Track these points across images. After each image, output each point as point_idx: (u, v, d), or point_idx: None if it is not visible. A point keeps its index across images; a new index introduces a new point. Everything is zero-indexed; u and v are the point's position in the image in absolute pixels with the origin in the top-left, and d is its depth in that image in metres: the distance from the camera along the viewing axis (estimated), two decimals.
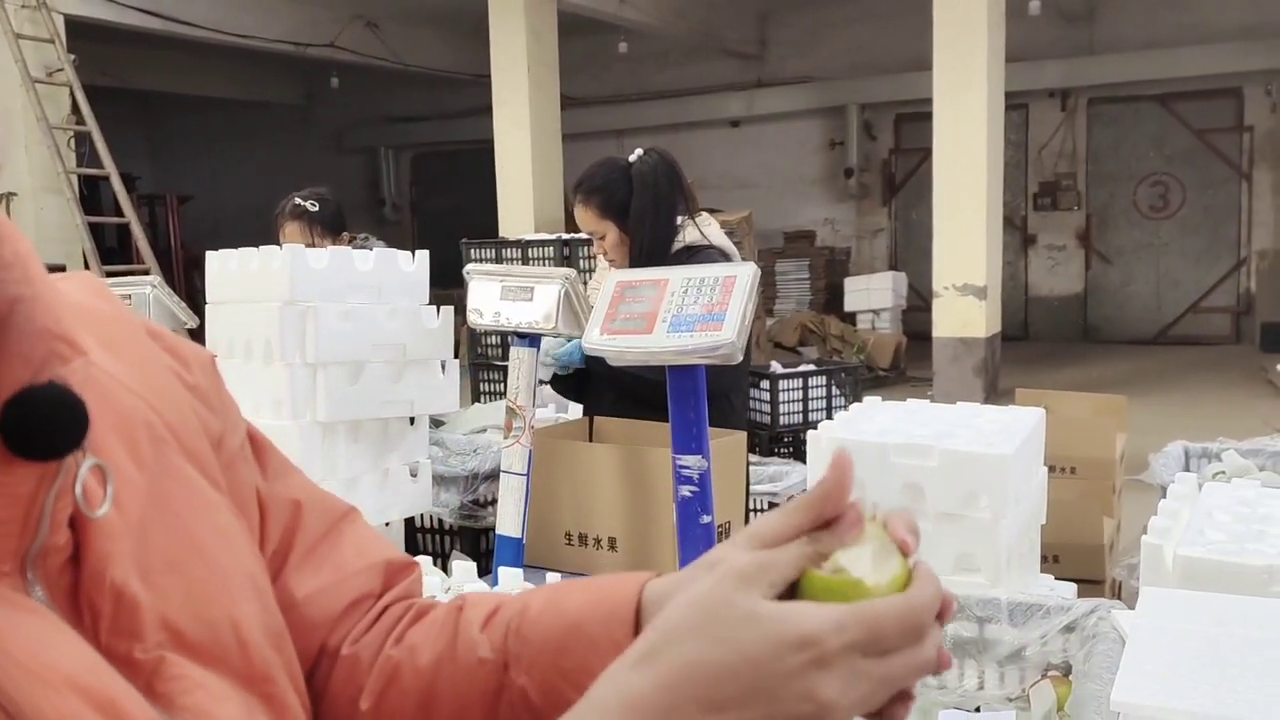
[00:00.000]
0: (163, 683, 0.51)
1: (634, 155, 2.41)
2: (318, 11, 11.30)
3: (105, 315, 0.59)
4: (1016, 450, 1.55)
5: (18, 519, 0.48)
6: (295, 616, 0.64)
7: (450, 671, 0.63)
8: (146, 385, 0.58)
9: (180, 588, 0.54)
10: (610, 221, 2.36)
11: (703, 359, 1.52)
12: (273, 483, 0.67)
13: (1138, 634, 1.15)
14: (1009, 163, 11.84)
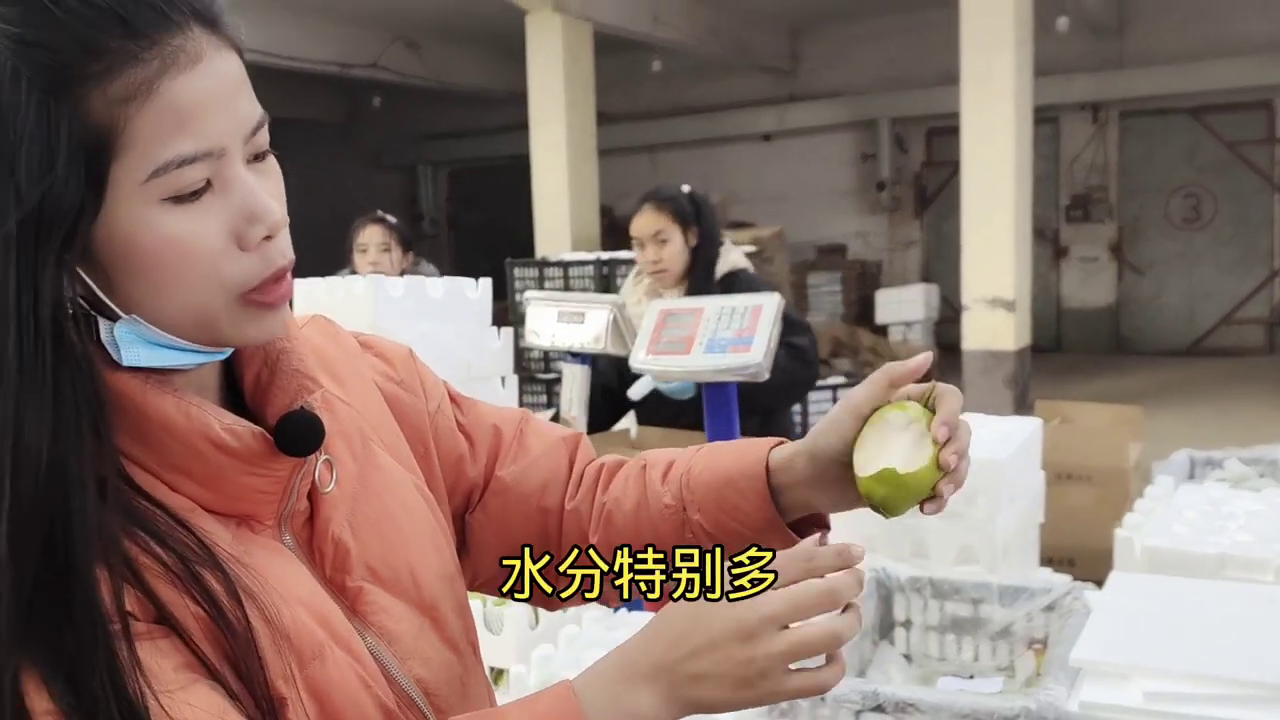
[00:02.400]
0: (362, 605, 0.77)
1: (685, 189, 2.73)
2: (361, 33, 11.65)
3: (330, 351, 0.86)
4: (1011, 456, 1.77)
5: (278, 492, 0.74)
6: (512, 496, 0.93)
7: (647, 513, 0.90)
8: (359, 400, 0.85)
9: (376, 540, 0.80)
10: (678, 228, 2.66)
11: (734, 377, 1.75)
12: (470, 415, 0.95)
13: (1100, 608, 1.37)
14: (1040, 175, 11.97)
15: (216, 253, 0.68)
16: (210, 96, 0.67)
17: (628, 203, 12.68)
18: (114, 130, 0.63)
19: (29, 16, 0.62)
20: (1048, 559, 3.42)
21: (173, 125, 0.65)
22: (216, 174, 0.68)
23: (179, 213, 0.66)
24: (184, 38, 0.66)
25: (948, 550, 1.81)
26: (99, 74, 0.63)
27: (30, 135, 0.61)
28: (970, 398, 7.63)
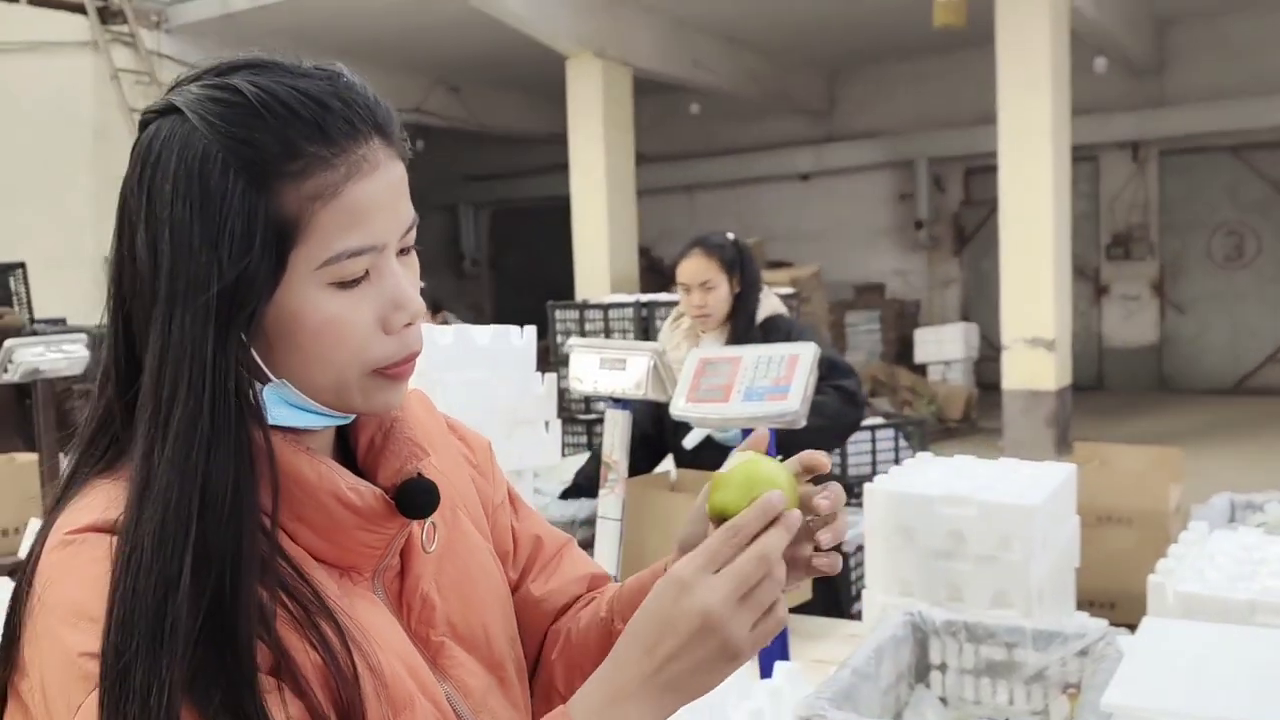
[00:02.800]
0: (442, 659, 0.84)
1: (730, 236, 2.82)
2: (405, 79, 11.90)
3: (428, 424, 0.94)
4: (1044, 501, 1.80)
5: (383, 548, 0.81)
6: (535, 610, 0.98)
7: (588, 628, 0.95)
8: (451, 471, 0.92)
9: (457, 599, 0.87)
10: (725, 276, 2.73)
11: (771, 424, 1.80)
12: (522, 522, 1.01)
13: (1133, 653, 1.40)
14: (1081, 214, 11.93)
15: (365, 334, 0.75)
16: (381, 200, 0.75)
17: (666, 243, 12.92)
18: (300, 221, 0.72)
19: (243, 117, 0.71)
20: (1089, 602, 3.42)
21: (348, 222, 0.73)
22: (374, 265, 0.76)
23: (340, 296, 0.74)
24: (366, 148, 0.75)
25: (982, 595, 1.84)
26: (295, 173, 0.72)
27: (234, 218, 0.70)
28: (1010, 437, 7.64)
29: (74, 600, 0.68)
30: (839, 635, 2.25)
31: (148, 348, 0.71)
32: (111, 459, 0.76)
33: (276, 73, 0.75)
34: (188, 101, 0.73)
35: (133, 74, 9.56)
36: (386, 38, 10.24)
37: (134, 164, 0.74)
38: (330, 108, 0.73)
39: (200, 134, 0.71)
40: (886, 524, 1.95)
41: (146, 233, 0.71)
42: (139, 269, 0.72)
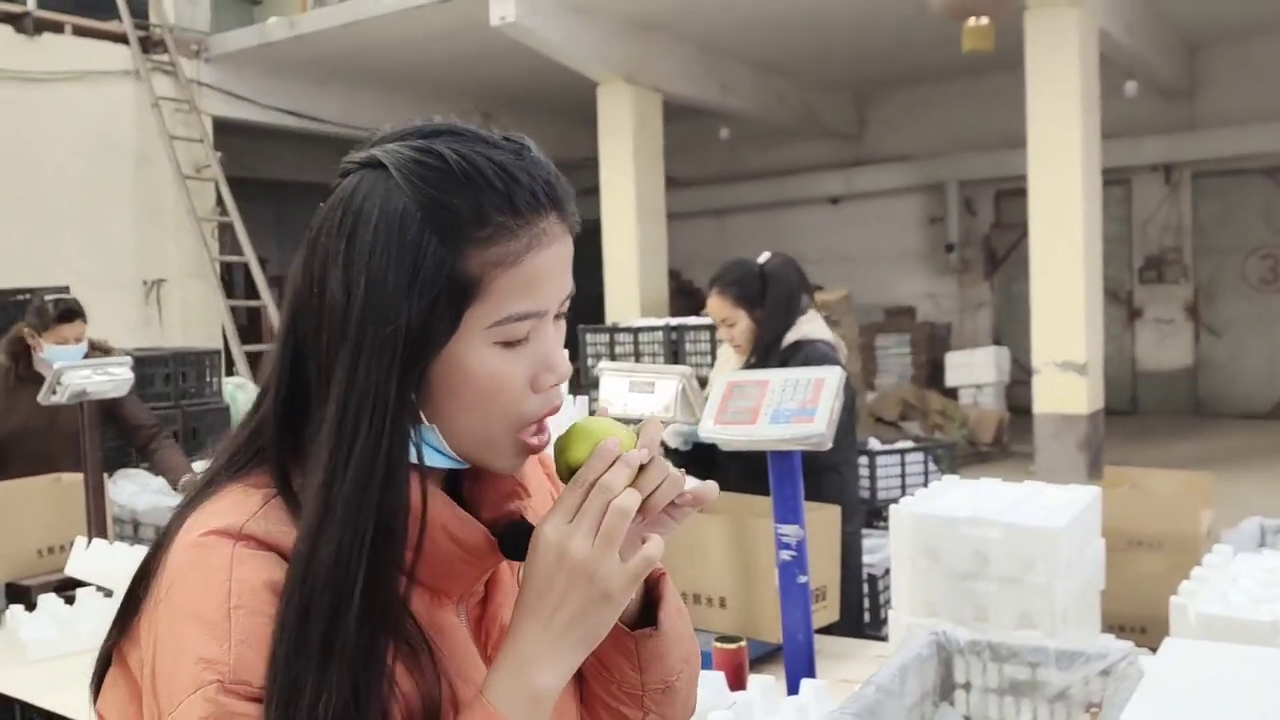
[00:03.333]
0: None
1: (763, 257, 2.82)
2: (438, 105, 11.84)
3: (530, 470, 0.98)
4: (1069, 524, 1.82)
5: (474, 579, 0.86)
6: None
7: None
8: (539, 504, 0.96)
9: None
10: (742, 311, 2.76)
11: (798, 446, 1.84)
12: None
13: (1153, 673, 1.42)
14: (1113, 237, 11.88)
15: (518, 391, 0.82)
16: (552, 271, 0.82)
17: (696, 266, 12.97)
18: (480, 283, 0.78)
19: (443, 182, 0.78)
20: (1119, 626, 3.41)
21: (521, 289, 0.80)
22: (535, 328, 0.82)
23: (502, 354, 0.80)
24: (546, 222, 0.81)
25: (1008, 616, 1.86)
26: (482, 239, 0.78)
27: (425, 273, 0.76)
28: (1042, 461, 7.61)
29: (199, 604, 0.74)
30: (865, 656, 2.27)
31: (333, 381, 0.77)
32: (250, 466, 0.82)
33: (474, 142, 0.81)
34: (394, 160, 0.79)
35: (173, 102, 9.77)
36: (420, 65, 10.41)
37: (334, 208, 0.81)
38: (519, 181, 0.80)
39: (402, 191, 0.78)
40: (912, 545, 1.98)
41: (343, 275, 0.77)
42: (327, 304, 0.78)
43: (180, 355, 5.43)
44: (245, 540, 0.77)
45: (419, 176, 0.78)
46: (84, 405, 3.07)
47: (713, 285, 2.82)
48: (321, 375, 0.79)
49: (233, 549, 0.76)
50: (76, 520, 3.19)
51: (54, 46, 9.25)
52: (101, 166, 9.54)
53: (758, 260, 2.86)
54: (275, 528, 0.78)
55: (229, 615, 0.73)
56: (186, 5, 10.24)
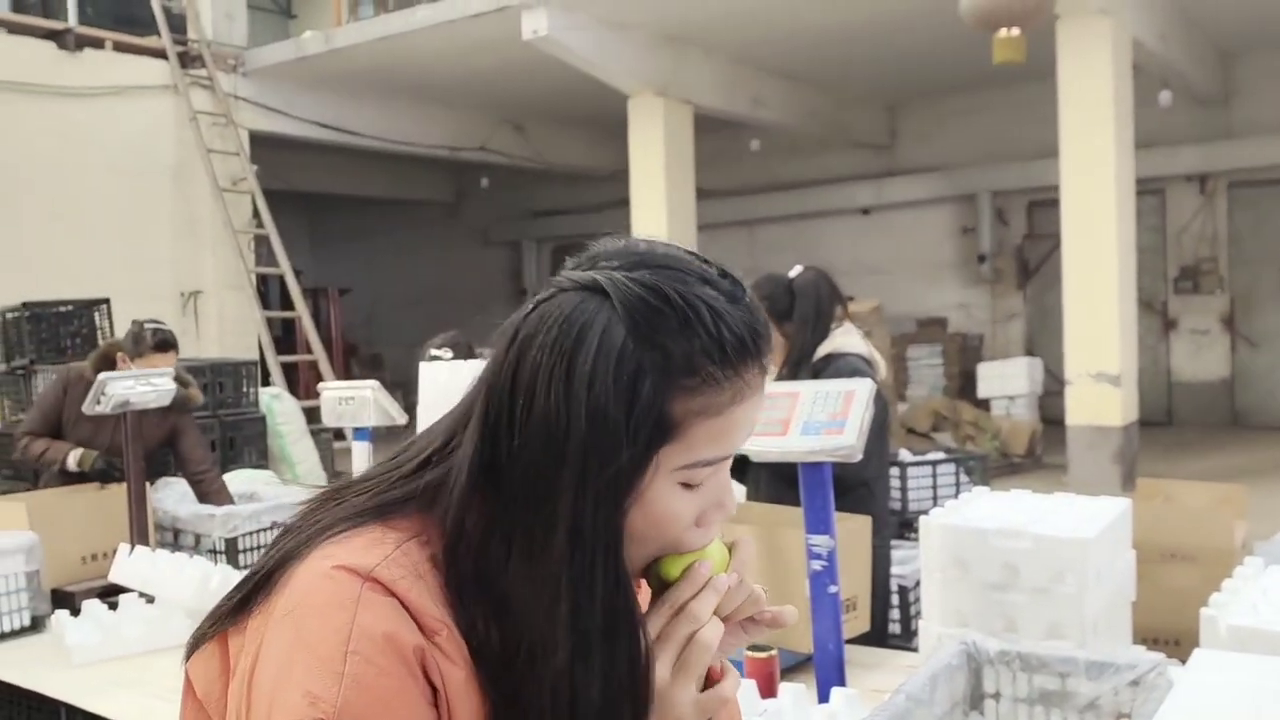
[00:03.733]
0: None
1: (794, 271, 2.83)
2: (470, 118, 12.18)
3: None
4: (1098, 535, 1.83)
5: None
6: None
7: None
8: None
9: None
10: (771, 326, 2.76)
11: (828, 457, 1.86)
12: None
13: (1182, 684, 1.43)
14: (1147, 247, 11.78)
15: (685, 526, 0.84)
16: (746, 422, 0.84)
17: None
18: (680, 427, 0.80)
19: (664, 325, 0.80)
20: (1152, 639, 3.40)
21: (715, 437, 0.82)
22: (714, 471, 0.85)
23: (681, 493, 0.83)
24: (750, 374, 0.83)
25: (1037, 627, 1.87)
26: (690, 387, 0.80)
27: (640, 409, 0.78)
28: (1075, 473, 7.54)
29: (317, 638, 0.76)
30: (895, 666, 2.28)
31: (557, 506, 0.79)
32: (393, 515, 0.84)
33: (695, 282, 0.82)
34: (618, 293, 0.80)
35: (210, 116, 9.92)
36: (453, 79, 10.51)
37: (553, 323, 0.81)
38: (734, 333, 0.81)
39: (622, 326, 0.79)
40: (942, 557, 1.99)
41: (563, 398, 0.78)
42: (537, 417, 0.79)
43: (218, 366, 5.52)
44: (373, 584, 0.78)
45: (641, 315, 0.79)
46: (126, 415, 3.14)
47: None
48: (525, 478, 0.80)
49: (360, 590, 0.77)
50: (119, 528, 3.26)
51: (95, 62, 9.43)
52: (140, 180, 9.71)
53: (789, 275, 2.86)
54: (402, 576, 0.80)
55: (345, 658, 0.75)
56: (224, 20, 10.40)
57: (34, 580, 2.94)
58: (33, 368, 5.24)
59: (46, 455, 3.69)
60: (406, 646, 0.77)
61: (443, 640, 0.79)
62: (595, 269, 0.84)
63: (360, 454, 3.40)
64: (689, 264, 0.84)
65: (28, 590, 2.93)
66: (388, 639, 0.76)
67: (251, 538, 3.45)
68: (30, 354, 5.30)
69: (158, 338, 3.68)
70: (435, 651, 0.79)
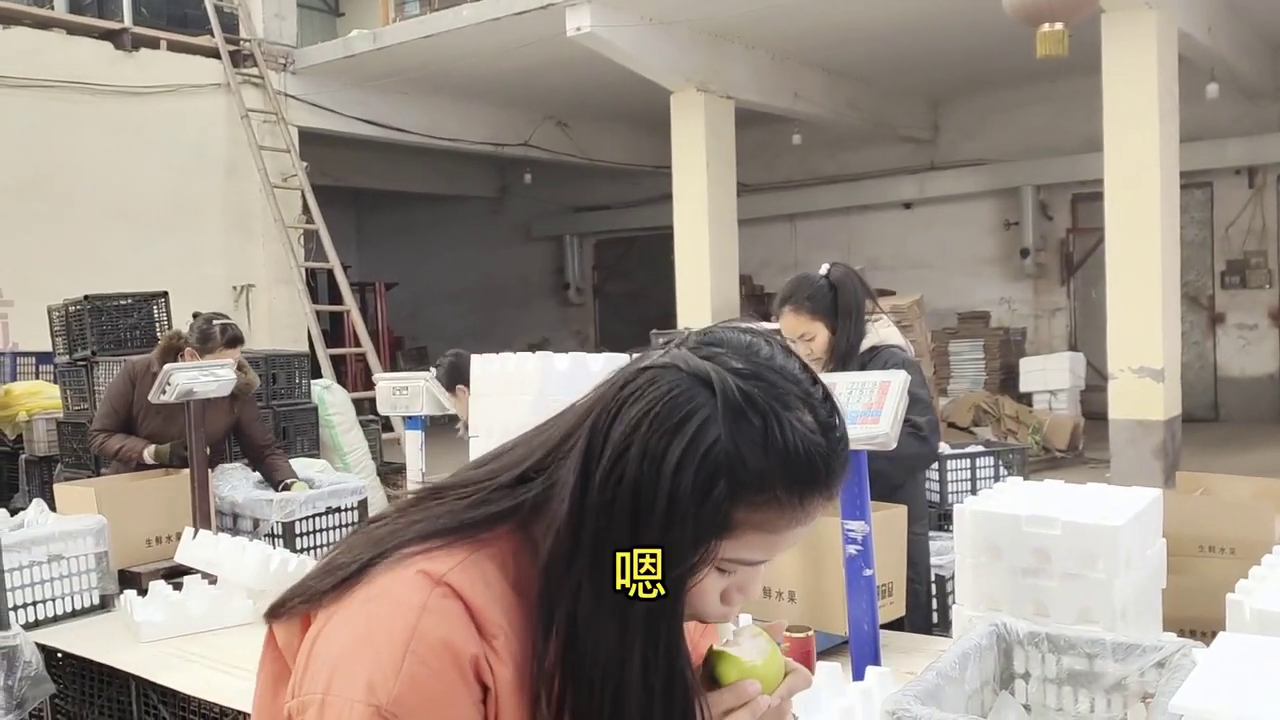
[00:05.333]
0: None
1: (824, 268, 2.87)
2: (514, 115, 12.31)
3: None
4: (1128, 523, 1.89)
5: None
6: None
7: None
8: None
9: None
10: (820, 323, 2.81)
11: (864, 446, 1.93)
12: None
13: (1205, 663, 1.49)
14: (1194, 241, 11.66)
15: (711, 600, 0.93)
16: (795, 539, 0.92)
17: (767, 271, 12.99)
18: (737, 530, 0.88)
19: (756, 444, 0.86)
20: (1189, 631, 3.42)
21: (765, 546, 0.91)
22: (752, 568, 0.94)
23: (715, 575, 0.91)
24: (812, 503, 0.90)
25: (1068, 611, 1.93)
26: (755, 502, 0.87)
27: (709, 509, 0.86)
28: (1117, 468, 7.52)
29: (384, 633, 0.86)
30: (930, 650, 2.35)
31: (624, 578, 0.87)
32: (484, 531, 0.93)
33: (796, 406, 0.88)
34: (724, 395, 0.86)
35: (261, 113, 10.12)
36: (497, 76, 10.63)
37: (658, 401, 0.87)
38: (814, 469, 0.88)
39: (719, 431, 0.85)
40: (975, 543, 2.05)
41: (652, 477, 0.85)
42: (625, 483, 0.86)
43: (271, 358, 5.67)
44: (444, 588, 0.87)
45: (739, 430, 0.86)
46: (190, 404, 3.27)
47: (785, 304, 2.85)
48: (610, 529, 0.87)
49: (429, 594, 0.86)
50: (181, 512, 3.40)
51: (149, 62, 9.66)
52: (194, 177, 9.93)
53: (820, 272, 2.90)
54: (470, 582, 0.88)
55: (405, 657, 0.84)
56: (274, 19, 10.60)
57: (103, 561, 3.08)
58: (94, 359, 5.42)
59: (122, 451, 3.84)
60: (463, 654, 0.86)
61: (499, 644, 0.88)
62: (714, 360, 0.89)
63: (412, 442, 3.52)
64: (797, 383, 0.90)
65: (97, 571, 3.07)
66: (445, 644, 0.85)
67: (307, 522, 3.60)
68: (92, 345, 5.47)
69: (228, 335, 3.81)
70: (491, 655, 0.87)
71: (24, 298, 8.60)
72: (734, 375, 0.88)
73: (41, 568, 2.94)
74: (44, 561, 2.95)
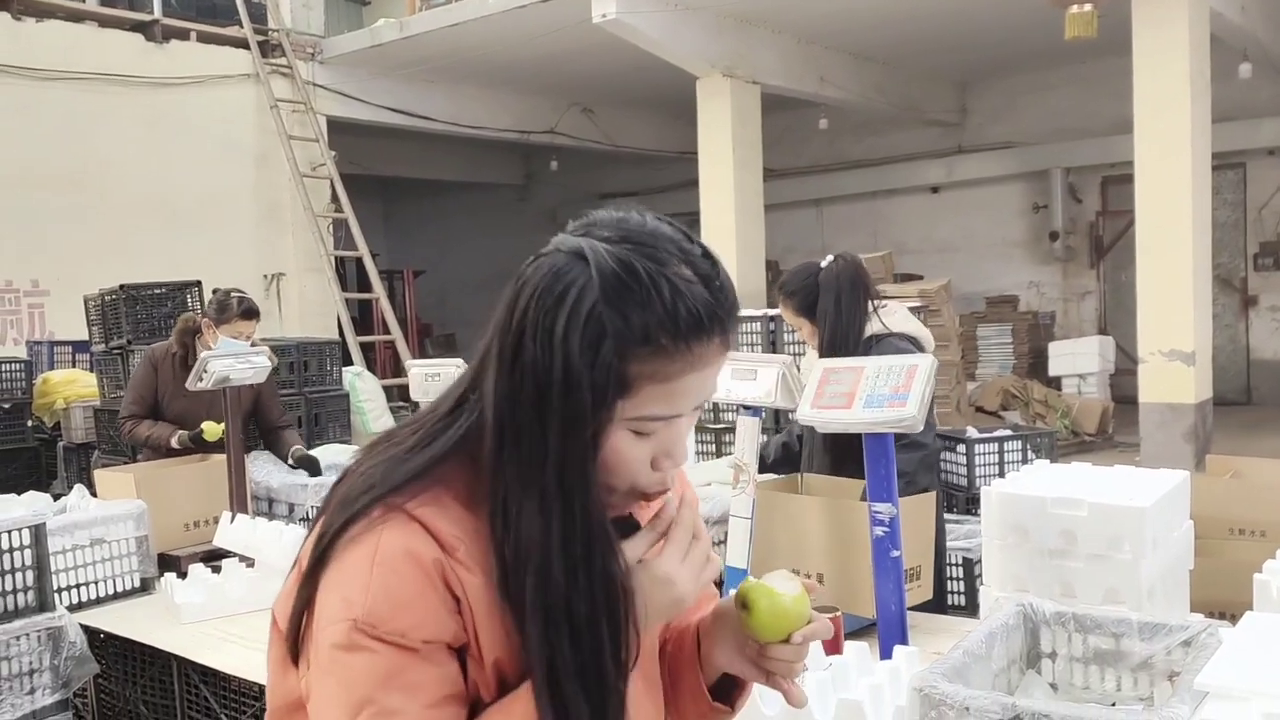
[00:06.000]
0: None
1: (825, 261, 2.91)
2: (540, 102, 12.33)
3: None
4: (1154, 504, 1.90)
5: None
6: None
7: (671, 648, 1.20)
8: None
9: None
10: (803, 318, 2.90)
11: (890, 429, 1.96)
12: None
13: (1230, 642, 1.51)
14: (1226, 223, 11.54)
15: (639, 468, 0.98)
16: (696, 389, 0.96)
17: (794, 256, 12.95)
18: (632, 386, 0.93)
19: (631, 299, 0.92)
20: (1218, 613, 3.42)
21: (665, 398, 0.95)
22: (665, 425, 0.98)
23: (633, 440, 0.96)
24: (706, 347, 0.95)
25: (1094, 592, 1.94)
26: (643, 354, 0.92)
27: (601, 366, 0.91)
28: (1148, 451, 7.48)
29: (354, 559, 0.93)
30: (958, 632, 2.37)
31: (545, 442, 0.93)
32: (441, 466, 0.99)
33: (671, 260, 0.94)
34: (597, 262, 0.92)
35: (289, 103, 10.20)
36: (523, 63, 10.66)
37: (541, 282, 0.94)
38: (690, 311, 0.93)
39: (594, 294, 0.91)
40: (1002, 524, 2.07)
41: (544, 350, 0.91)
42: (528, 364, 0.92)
43: (303, 345, 5.73)
44: (397, 513, 0.94)
45: (611, 285, 0.91)
46: (227, 390, 3.33)
47: (779, 292, 2.95)
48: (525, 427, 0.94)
49: (388, 517, 0.93)
50: (219, 497, 3.47)
51: (180, 53, 9.75)
52: (224, 167, 10.02)
53: (820, 263, 2.94)
54: (423, 505, 0.95)
55: (372, 570, 0.91)
56: (302, 9, 10.67)
57: (143, 545, 3.15)
58: (129, 348, 5.50)
59: (151, 437, 3.94)
60: (426, 558, 0.92)
61: (461, 554, 0.93)
62: (586, 236, 0.95)
63: None
64: (672, 241, 0.96)
65: (137, 554, 3.14)
66: (407, 552, 0.92)
67: None
68: (127, 334, 5.55)
69: (243, 306, 3.92)
70: (455, 564, 0.93)
71: (60, 288, 8.75)
72: (606, 244, 0.93)
73: (84, 551, 3.02)
74: (86, 545, 3.02)
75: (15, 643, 2.54)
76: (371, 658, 0.90)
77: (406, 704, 0.90)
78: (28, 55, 8.83)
